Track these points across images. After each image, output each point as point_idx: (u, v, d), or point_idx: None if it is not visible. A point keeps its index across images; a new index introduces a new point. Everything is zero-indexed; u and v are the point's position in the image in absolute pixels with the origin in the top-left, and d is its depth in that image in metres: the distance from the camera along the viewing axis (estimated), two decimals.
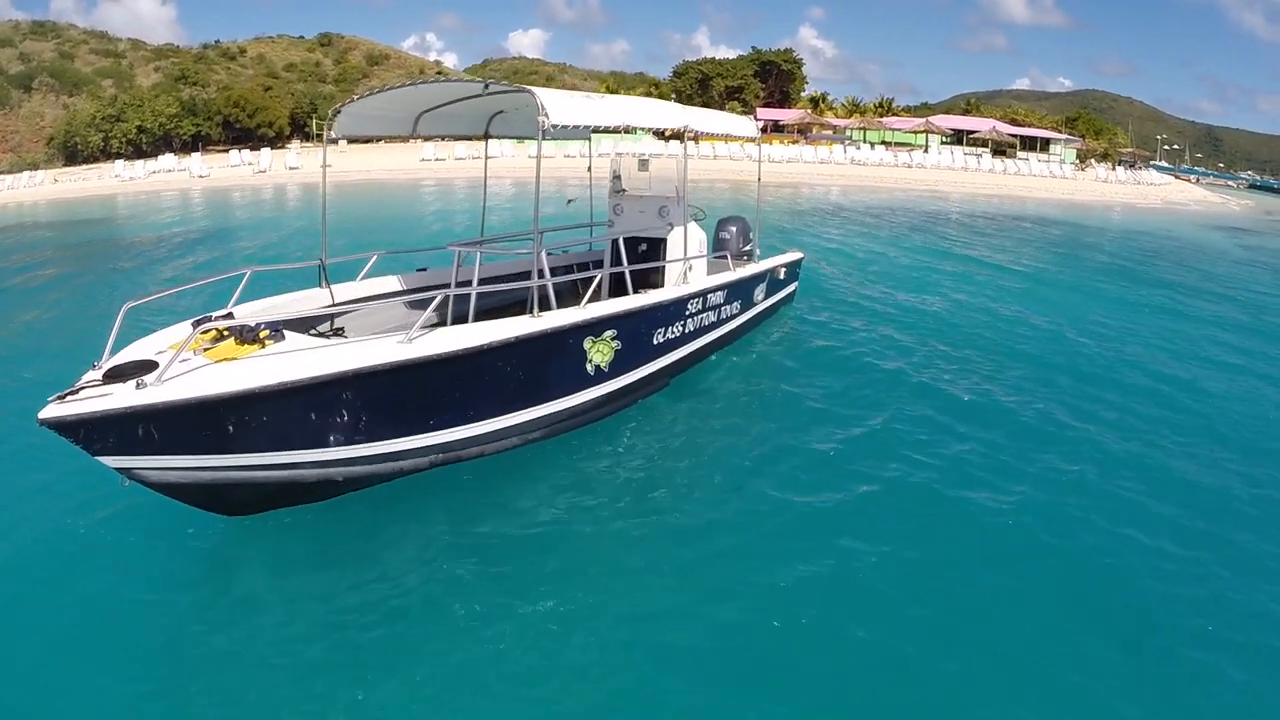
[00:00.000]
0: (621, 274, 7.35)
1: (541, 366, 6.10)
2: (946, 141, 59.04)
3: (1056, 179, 49.22)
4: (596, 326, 6.44)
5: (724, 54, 78.11)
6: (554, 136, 6.17)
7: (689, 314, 7.92)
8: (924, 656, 4.27)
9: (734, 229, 10.21)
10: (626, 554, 5.16)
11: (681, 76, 70.99)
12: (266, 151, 46.54)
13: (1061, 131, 63.55)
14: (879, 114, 67.61)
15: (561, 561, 5.03)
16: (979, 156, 53.71)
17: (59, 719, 3.86)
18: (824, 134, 59.85)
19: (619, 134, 7.35)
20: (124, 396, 4.36)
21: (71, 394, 4.39)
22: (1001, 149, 57.06)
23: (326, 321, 6.81)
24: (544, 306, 6.23)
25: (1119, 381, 8.99)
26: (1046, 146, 59.29)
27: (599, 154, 10.42)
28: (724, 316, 8.85)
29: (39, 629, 4.44)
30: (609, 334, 6.59)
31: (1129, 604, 4.82)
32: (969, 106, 78.12)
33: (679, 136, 8.17)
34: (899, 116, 67.27)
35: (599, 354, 6.54)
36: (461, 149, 44.19)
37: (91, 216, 28.60)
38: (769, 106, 66.56)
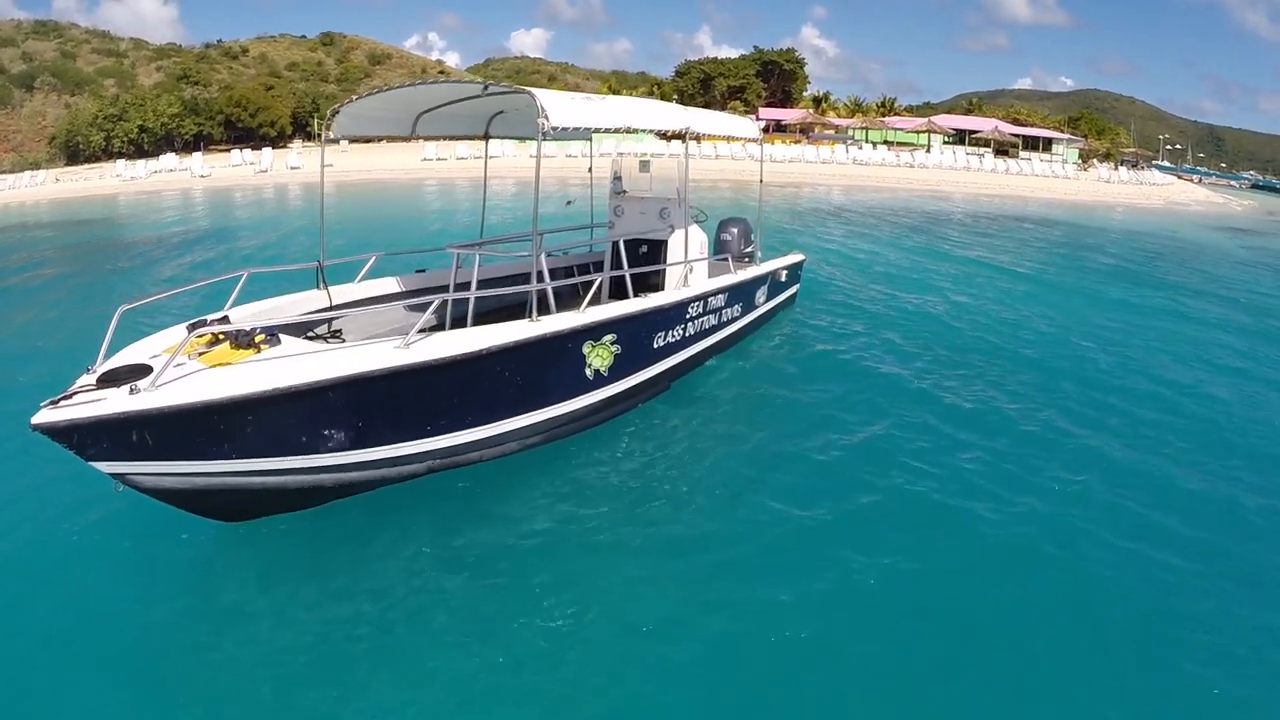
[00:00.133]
0: (622, 276, 7.29)
1: (540, 371, 6.03)
2: (949, 141, 58.91)
3: (1059, 179, 49.08)
4: (596, 331, 6.37)
5: (726, 54, 78.38)
6: (554, 138, 6.11)
7: (689, 317, 7.85)
8: (925, 672, 4.20)
9: (735, 230, 10.16)
10: (624, 565, 5.07)
11: (684, 76, 70.95)
12: (268, 151, 46.53)
13: (1064, 131, 63.37)
14: (881, 114, 67.49)
15: (557, 572, 4.95)
16: (981, 156, 53.56)
17: None
18: (826, 134, 59.73)
19: (620, 134, 7.29)
20: (117, 402, 4.31)
21: (65, 398, 4.35)
22: (1004, 149, 56.93)
23: (324, 324, 6.76)
24: (543, 309, 6.16)
25: (1123, 387, 8.89)
26: (1049, 146, 59.14)
27: (601, 154, 10.36)
28: (725, 320, 8.78)
29: (28, 632, 4.40)
30: (608, 338, 6.53)
31: (1134, 619, 4.72)
32: (971, 106, 78.00)
33: (680, 137, 8.13)
34: (901, 116, 67.16)
35: (598, 358, 6.47)
36: (463, 149, 44.09)
37: (92, 216, 28.56)
38: (771, 106, 66.49)
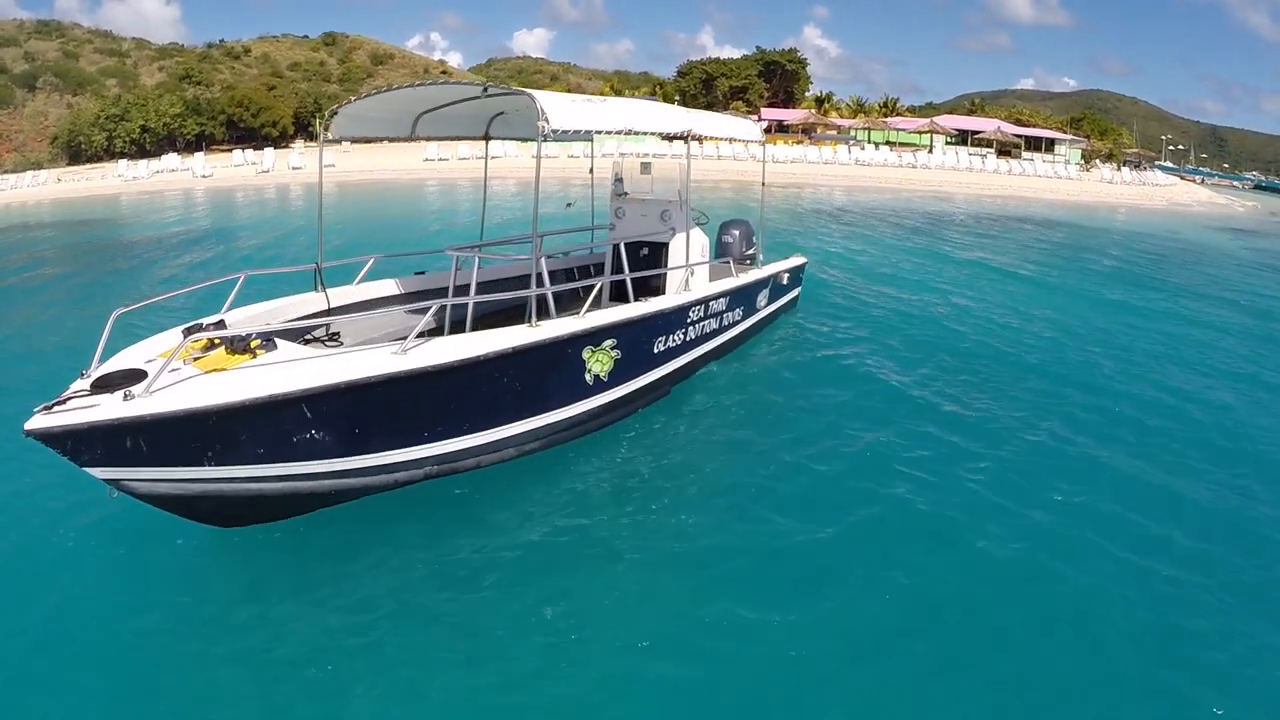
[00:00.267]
0: (622, 279, 7.23)
1: (539, 377, 5.97)
2: (951, 142, 58.80)
3: (1061, 180, 48.97)
4: (596, 336, 6.31)
5: (728, 54, 78.11)
6: (554, 140, 6.06)
7: (690, 322, 7.79)
8: (930, 696, 4.08)
9: (737, 232, 10.10)
10: (620, 579, 4.96)
11: (686, 76, 70.85)
12: (270, 151, 46.52)
13: (1066, 132, 63.22)
14: (883, 114, 67.39)
15: (552, 585, 4.83)
16: (984, 157, 53.42)
17: None
18: (828, 134, 59.63)
19: (622, 136, 7.23)
20: (111, 408, 4.26)
21: (59, 404, 4.31)
22: (1006, 149, 56.81)
23: (322, 328, 6.71)
24: (543, 312, 6.11)
25: (1127, 393, 8.74)
26: (1051, 147, 59.00)
27: (603, 154, 10.30)
28: (726, 324, 8.71)
29: (18, 635, 4.37)
30: (608, 343, 6.47)
31: (1140, 638, 4.56)
32: (974, 106, 77.85)
33: (683, 138, 8.07)
34: (903, 117, 67.06)
35: (598, 363, 6.41)
36: (465, 149, 44.07)
37: (94, 216, 28.55)
38: (773, 106, 66.42)
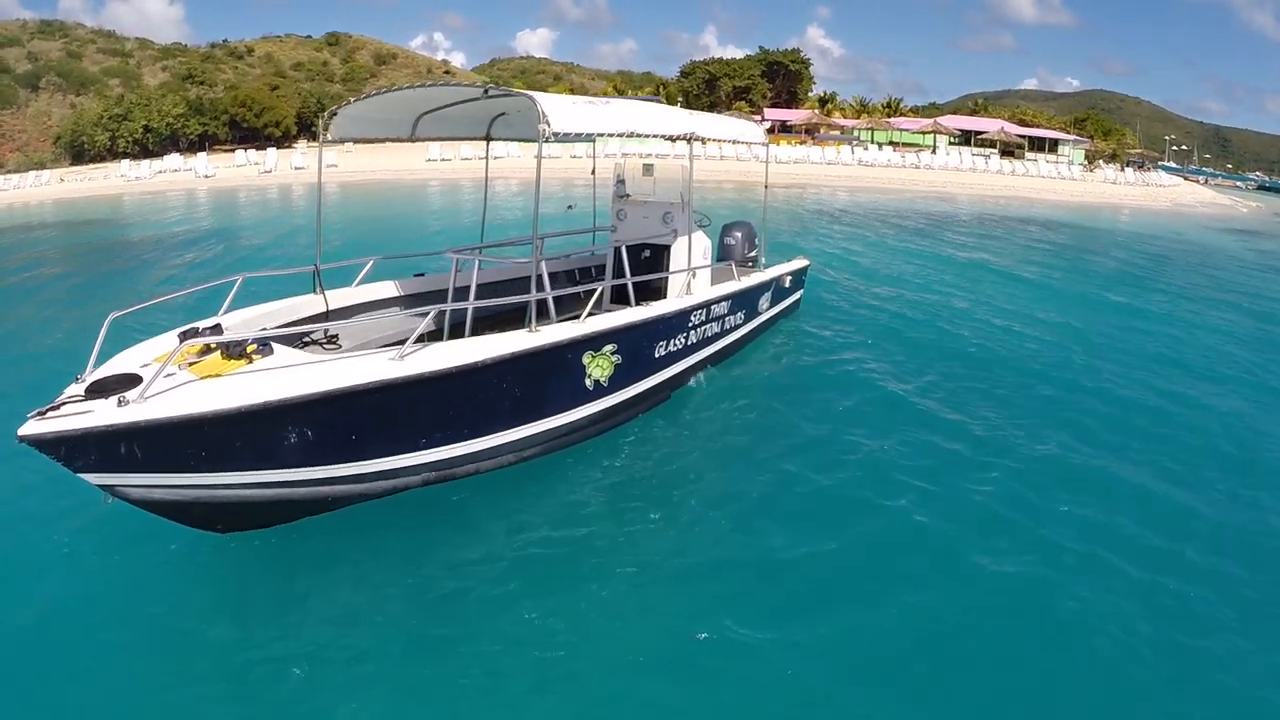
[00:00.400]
0: (624, 282, 7.16)
1: (538, 383, 5.90)
2: (954, 142, 58.66)
3: (1065, 180, 48.83)
4: (596, 341, 6.24)
5: (731, 54, 77.76)
6: (556, 141, 6.00)
7: (692, 326, 7.72)
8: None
9: (739, 234, 10.03)
10: (617, 596, 4.85)
11: (689, 77, 70.71)
12: (272, 151, 46.52)
13: (1070, 132, 63.02)
14: (887, 114, 67.23)
15: (545, 599, 4.73)
16: (987, 158, 53.29)
17: None
18: (831, 134, 59.51)
19: (624, 138, 7.16)
20: (105, 414, 4.22)
21: (52, 409, 4.26)
22: (1010, 150, 56.66)
23: (320, 331, 6.65)
24: (543, 314, 6.05)
25: (1136, 401, 8.56)
26: (1055, 147, 58.82)
27: (605, 155, 10.23)
28: (727, 328, 8.64)
29: (6, 640, 4.37)
30: (609, 348, 6.40)
31: (1152, 660, 4.43)
32: (977, 107, 77.65)
33: (685, 139, 7.98)
34: (907, 117, 66.90)
35: (598, 369, 6.34)
36: (468, 149, 44.01)
37: (96, 216, 28.56)
38: (776, 107, 66.28)
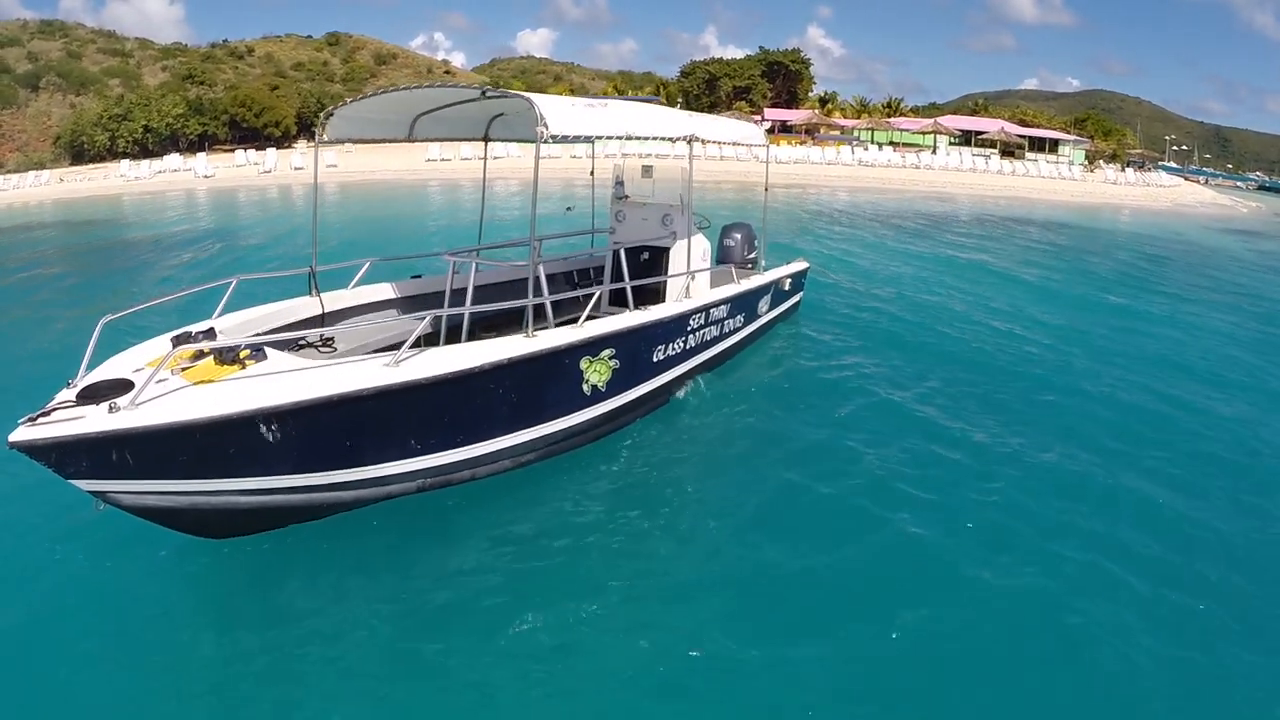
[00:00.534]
0: (622, 285, 7.10)
1: (535, 388, 5.85)
2: (955, 142, 58.59)
3: (1065, 180, 48.75)
4: (594, 346, 6.18)
5: (732, 54, 77.62)
6: (554, 143, 5.95)
7: (690, 330, 7.66)
8: None
9: (739, 236, 9.97)
10: (608, 610, 4.76)
11: (689, 76, 70.59)
12: (272, 151, 46.49)
13: (1070, 132, 62.94)
14: (887, 114, 67.14)
15: (536, 615, 4.63)
16: (987, 158, 53.22)
17: None
18: (832, 134, 59.43)
19: (623, 140, 7.10)
20: (96, 421, 4.17)
21: (43, 415, 4.22)
22: (1010, 150, 56.59)
23: (315, 334, 6.60)
24: (540, 316, 6.00)
25: (1141, 407, 8.45)
26: (1055, 147, 58.74)
27: (605, 155, 10.17)
28: (726, 331, 8.57)
29: None
30: (607, 353, 6.34)
31: (1166, 679, 4.35)
32: (977, 107, 77.54)
33: (686, 141, 7.91)
34: (907, 117, 66.80)
35: (596, 374, 6.28)
36: (468, 149, 43.89)
37: (95, 217, 28.51)
38: (777, 107, 66.18)
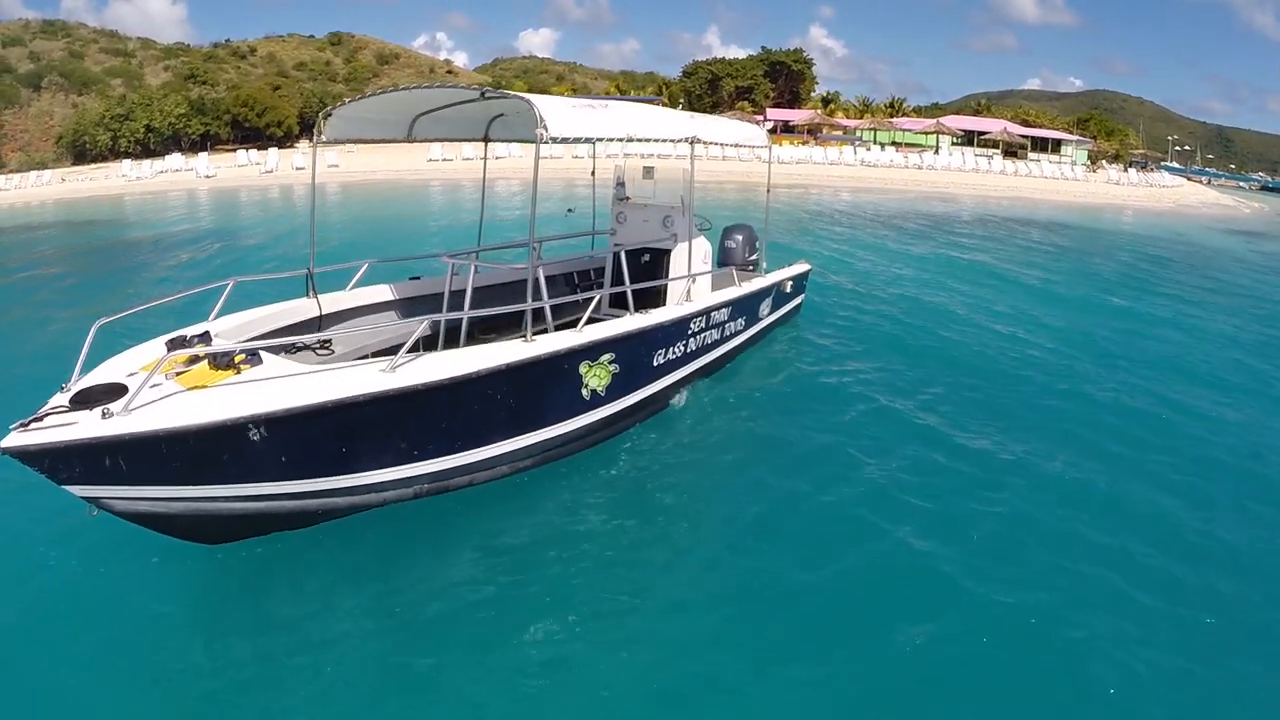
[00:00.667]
0: (622, 289, 7.05)
1: (534, 393, 5.78)
2: (957, 142, 58.48)
3: (1068, 181, 48.62)
4: (593, 350, 6.11)
5: (734, 54, 77.48)
6: (554, 144, 5.89)
7: (691, 333, 7.59)
8: None
9: (740, 238, 9.90)
10: (605, 623, 4.68)
11: (691, 76, 70.49)
12: (274, 151, 46.45)
13: (1073, 132, 62.79)
14: (889, 114, 67.00)
15: (528, 628, 4.56)
16: (990, 158, 53.10)
17: None
18: (834, 135, 59.31)
19: (624, 141, 7.04)
20: (88, 426, 4.13)
21: (35, 420, 4.18)
22: (1013, 150, 56.46)
23: (312, 336, 6.55)
24: (539, 320, 5.94)
25: (1149, 414, 8.31)
26: (1058, 148, 58.61)
27: (606, 155, 10.11)
28: (727, 334, 8.50)
29: None
30: (606, 358, 6.27)
31: (1177, 700, 4.24)
32: (980, 107, 77.37)
33: (687, 142, 7.85)
34: (909, 117, 66.67)
35: (595, 378, 6.21)
36: (469, 149, 43.79)
37: (96, 216, 28.47)
38: (779, 107, 66.08)
